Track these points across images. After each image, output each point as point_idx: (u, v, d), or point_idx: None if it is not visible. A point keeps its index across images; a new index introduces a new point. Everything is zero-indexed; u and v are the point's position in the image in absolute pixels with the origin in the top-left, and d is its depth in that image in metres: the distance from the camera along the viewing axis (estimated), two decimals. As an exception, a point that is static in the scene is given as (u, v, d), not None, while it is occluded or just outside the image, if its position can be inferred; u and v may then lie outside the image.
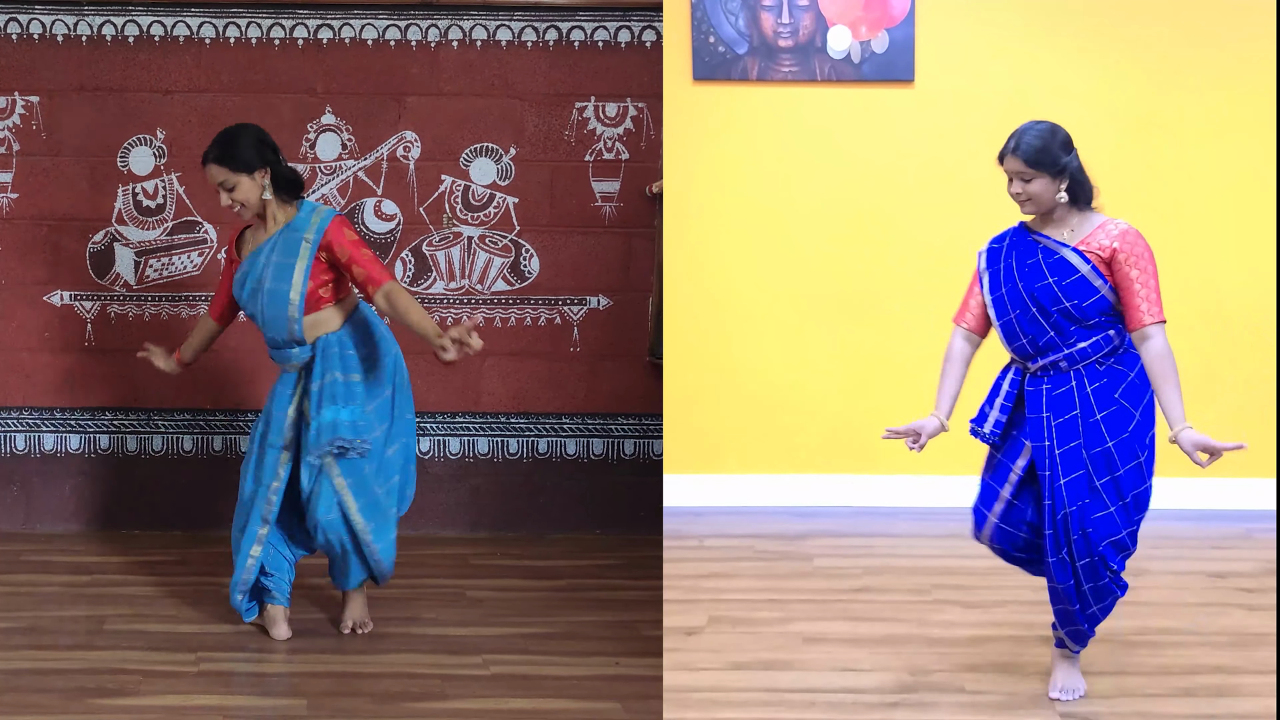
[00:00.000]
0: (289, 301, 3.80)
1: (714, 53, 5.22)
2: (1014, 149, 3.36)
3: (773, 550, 4.79)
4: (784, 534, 4.95)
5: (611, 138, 4.98)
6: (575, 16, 4.92)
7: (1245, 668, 3.67)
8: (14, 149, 4.86)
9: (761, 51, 5.21)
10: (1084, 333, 3.39)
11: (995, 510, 3.47)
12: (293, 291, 3.79)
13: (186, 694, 3.52)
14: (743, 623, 4.06)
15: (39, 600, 4.20)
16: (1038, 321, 3.40)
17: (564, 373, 5.04)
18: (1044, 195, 3.38)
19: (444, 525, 5.04)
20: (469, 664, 3.76)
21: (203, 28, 4.82)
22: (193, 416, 4.96)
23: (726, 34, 5.19)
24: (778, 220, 5.33)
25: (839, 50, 5.18)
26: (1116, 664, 3.70)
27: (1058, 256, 3.39)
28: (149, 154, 4.89)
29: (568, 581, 4.50)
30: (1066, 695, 3.50)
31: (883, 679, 3.62)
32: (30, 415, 4.95)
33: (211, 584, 4.35)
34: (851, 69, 5.20)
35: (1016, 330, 3.42)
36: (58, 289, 4.92)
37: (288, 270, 3.79)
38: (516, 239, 4.99)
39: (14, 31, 4.82)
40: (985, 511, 3.50)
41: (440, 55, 4.91)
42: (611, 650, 3.85)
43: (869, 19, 5.16)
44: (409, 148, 4.94)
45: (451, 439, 5.03)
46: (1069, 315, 3.37)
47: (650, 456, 5.08)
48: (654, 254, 5.04)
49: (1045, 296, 3.38)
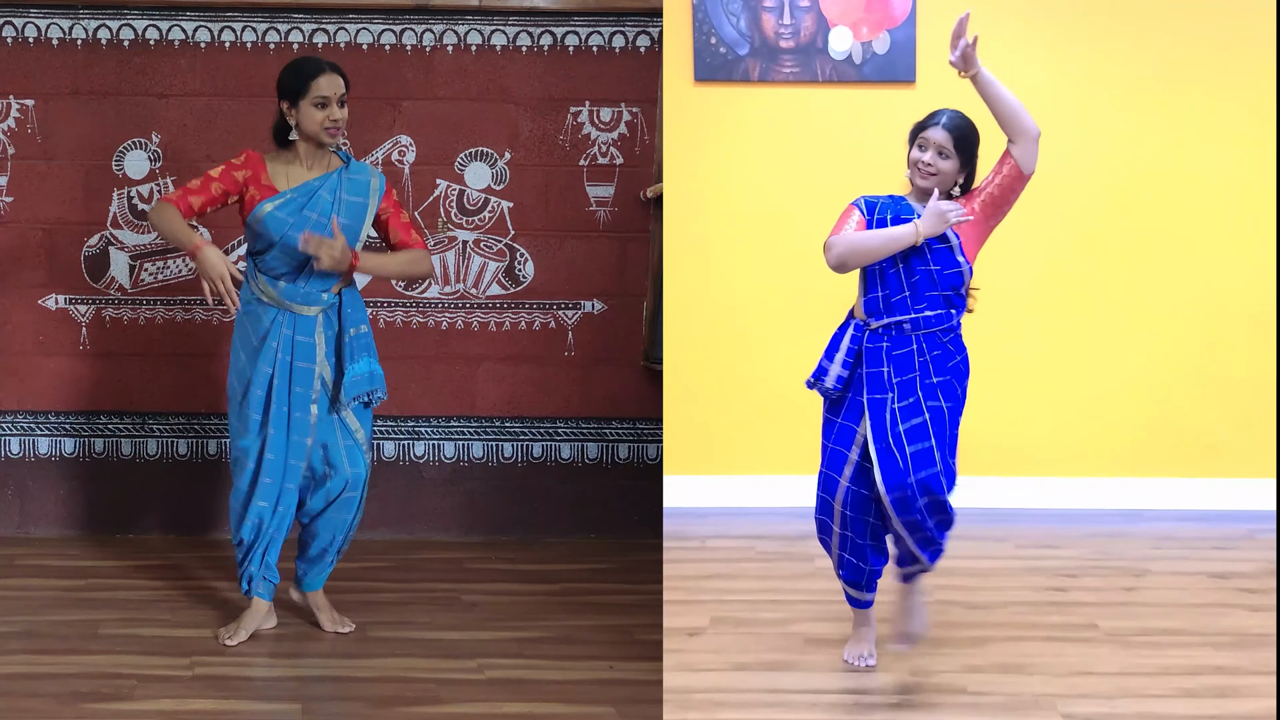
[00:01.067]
0: (358, 239, 3.84)
1: (715, 54, 5.22)
2: (946, 123, 3.50)
3: (775, 551, 4.79)
4: (786, 535, 4.95)
5: (606, 142, 4.99)
6: (570, 21, 4.93)
7: (1248, 668, 3.68)
8: (9, 152, 4.85)
9: (763, 53, 5.22)
10: (935, 301, 3.52)
11: (845, 474, 3.58)
12: (363, 231, 3.85)
13: (181, 699, 3.51)
14: (745, 623, 4.06)
15: (33, 604, 4.19)
16: (899, 279, 3.52)
17: (559, 377, 5.04)
18: (949, 177, 3.52)
19: (438, 529, 5.04)
20: (464, 668, 3.75)
21: (198, 32, 4.82)
22: (187, 420, 4.96)
23: (728, 35, 5.20)
24: (779, 221, 5.33)
25: (840, 51, 5.18)
26: (1119, 665, 3.70)
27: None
28: (144, 158, 4.88)
29: (562, 586, 4.50)
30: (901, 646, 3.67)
31: (886, 680, 3.63)
32: (25, 419, 4.94)
33: (207, 588, 4.35)
34: (853, 70, 5.21)
35: (878, 280, 3.54)
36: (53, 292, 4.91)
37: (361, 210, 3.85)
38: (511, 243, 5.00)
39: (9, 35, 4.82)
40: (836, 476, 3.60)
41: (435, 60, 4.91)
42: (606, 654, 3.85)
43: (870, 20, 5.17)
44: (404, 152, 4.94)
45: (446, 443, 5.03)
46: (931, 280, 3.50)
47: (645, 460, 5.08)
48: (648, 259, 5.05)
49: (915, 257, 3.50)
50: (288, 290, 3.81)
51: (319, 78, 3.74)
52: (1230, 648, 3.83)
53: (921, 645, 3.84)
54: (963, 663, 3.73)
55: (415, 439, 5.02)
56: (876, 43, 5.19)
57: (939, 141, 3.48)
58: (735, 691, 3.57)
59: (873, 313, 3.58)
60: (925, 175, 3.51)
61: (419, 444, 5.02)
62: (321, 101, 3.74)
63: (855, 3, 5.17)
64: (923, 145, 3.51)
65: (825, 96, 5.25)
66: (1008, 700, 3.49)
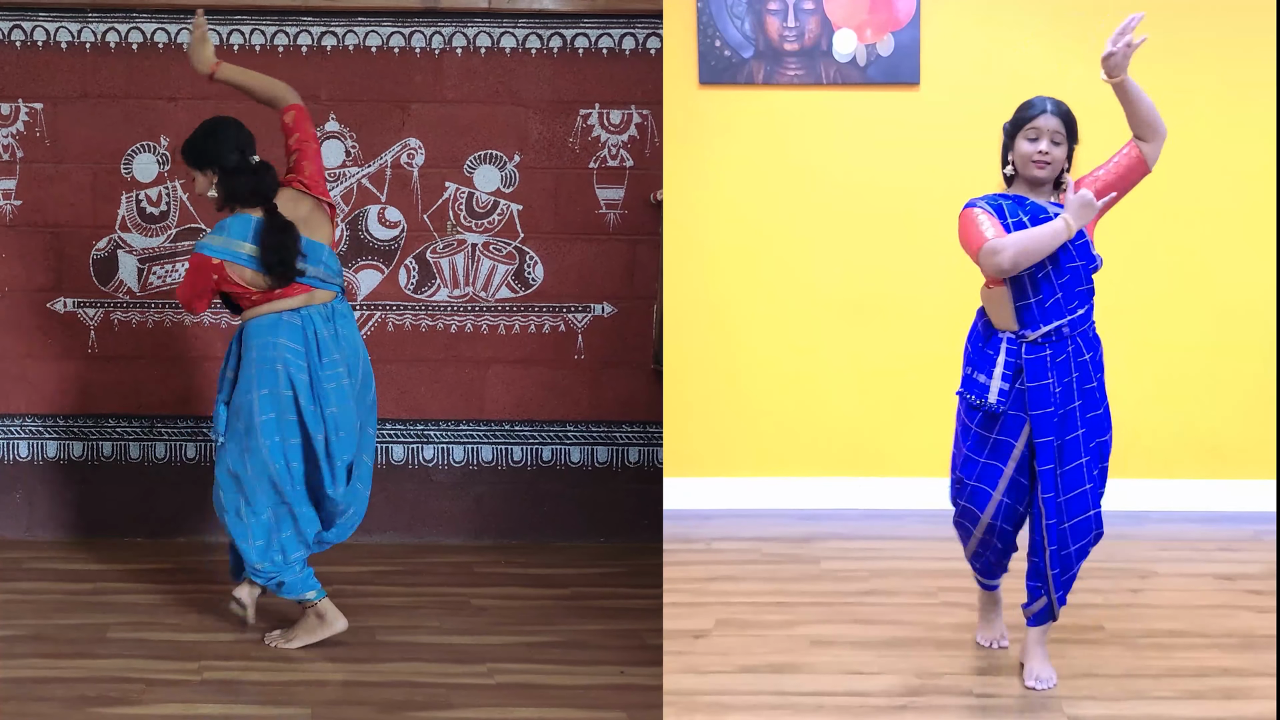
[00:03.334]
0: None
1: (720, 56, 5.21)
2: (1053, 109, 3.41)
3: (780, 553, 4.79)
4: (791, 537, 4.94)
5: (616, 145, 4.97)
6: (580, 23, 4.92)
7: (1254, 670, 3.66)
8: (18, 156, 4.85)
9: (767, 55, 5.21)
10: (1084, 297, 3.45)
11: (1000, 488, 3.51)
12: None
13: (190, 703, 3.51)
14: (750, 625, 4.05)
15: (42, 608, 4.19)
16: (1049, 281, 3.42)
17: (568, 380, 5.03)
18: (1059, 164, 3.44)
19: (448, 533, 5.03)
20: (474, 673, 3.74)
21: (207, 35, 4.81)
22: (196, 423, 4.95)
23: (732, 38, 5.19)
24: (783, 222, 5.33)
25: (844, 54, 5.17)
26: (1125, 667, 3.69)
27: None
28: (153, 161, 4.88)
29: (572, 590, 4.49)
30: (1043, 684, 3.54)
31: (890, 682, 3.62)
32: (33, 422, 4.94)
33: (215, 592, 4.34)
34: (857, 72, 5.20)
35: (1029, 287, 3.42)
36: (61, 296, 4.91)
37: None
38: (520, 246, 4.99)
39: (18, 39, 4.82)
40: (988, 490, 3.52)
41: (444, 62, 4.91)
42: (616, 659, 3.84)
43: (874, 22, 5.16)
44: (413, 155, 4.93)
45: (455, 447, 5.02)
46: (1079, 276, 3.42)
47: (654, 464, 5.07)
48: (658, 262, 5.04)
49: (1063, 255, 3.40)
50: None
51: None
52: (1237, 649, 3.82)
53: (925, 646, 3.83)
54: (968, 664, 3.72)
55: (424, 442, 5.01)
56: (881, 45, 5.18)
57: (1052, 128, 3.41)
58: (740, 694, 3.57)
59: (1028, 323, 3.45)
60: (1042, 165, 3.41)
61: (428, 447, 5.01)
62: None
63: (859, 5, 5.16)
64: (1034, 136, 3.41)
65: (829, 99, 5.24)
66: (1014, 702, 3.48)
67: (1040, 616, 3.58)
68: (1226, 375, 5.27)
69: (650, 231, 5.01)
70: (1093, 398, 3.48)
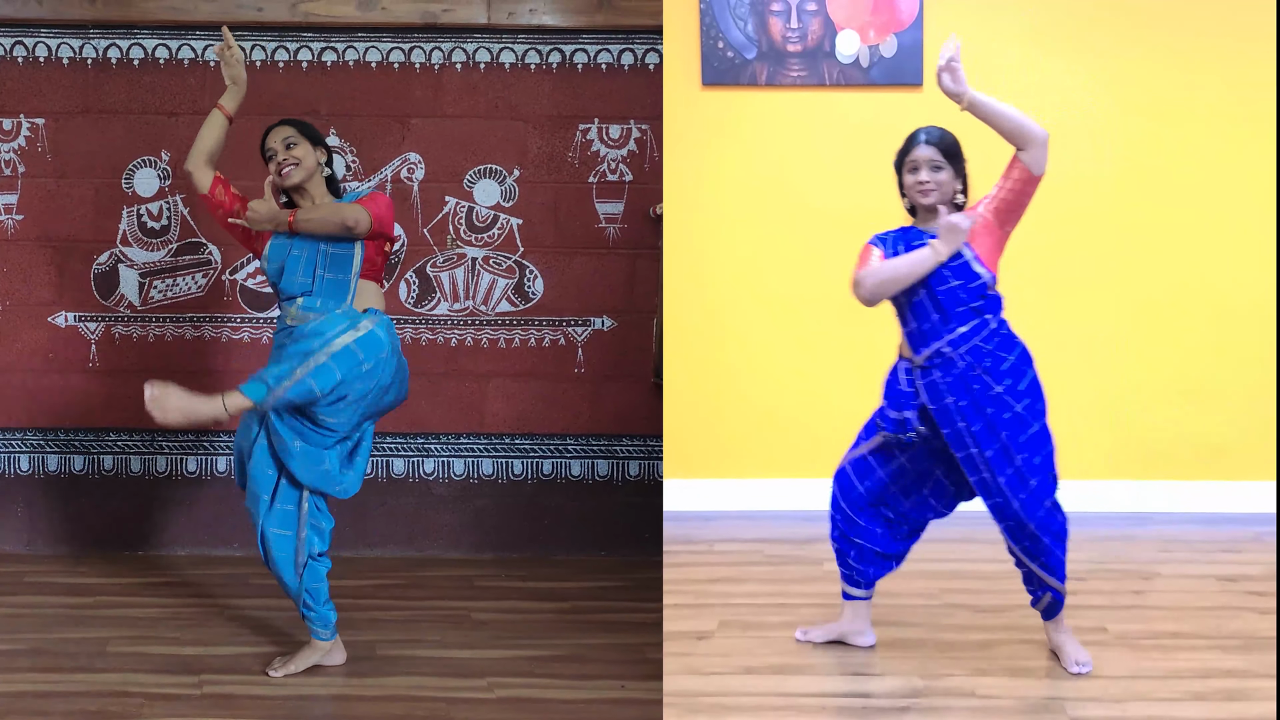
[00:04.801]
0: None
1: (723, 58, 5.22)
2: (927, 140, 3.53)
3: (782, 555, 4.78)
4: (793, 538, 4.94)
5: (615, 159, 4.99)
6: (579, 39, 4.93)
7: (1257, 672, 3.66)
8: (19, 171, 4.86)
9: (770, 57, 5.22)
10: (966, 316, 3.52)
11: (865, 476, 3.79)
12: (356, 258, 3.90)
13: (189, 717, 3.50)
14: (752, 627, 4.05)
15: (42, 622, 4.19)
16: (925, 306, 3.53)
17: (568, 394, 5.04)
18: (948, 188, 3.54)
19: (448, 547, 5.03)
20: (474, 687, 3.74)
21: (207, 50, 4.83)
22: (196, 438, 4.96)
23: (735, 39, 5.20)
24: (786, 223, 5.33)
25: (847, 55, 5.18)
26: (1127, 668, 3.68)
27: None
28: (154, 176, 4.89)
29: (573, 604, 4.49)
30: (1085, 667, 3.62)
31: (893, 683, 3.61)
32: (34, 436, 4.94)
33: (216, 606, 4.34)
34: (860, 73, 5.21)
35: (909, 313, 3.56)
36: (62, 310, 4.92)
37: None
38: (520, 260, 5.00)
39: (20, 55, 4.83)
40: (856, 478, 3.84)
41: (444, 77, 4.92)
42: (617, 673, 3.84)
43: (877, 23, 5.17)
44: (413, 169, 4.94)
45: (456, 460, 5.03)
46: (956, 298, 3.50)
47: (655, 477, 5.07)
48: (658, 275, 5.04)
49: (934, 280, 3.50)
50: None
51: (272, 130, 3.83)
52: (1239, 651, 3.82)
53: (928, 648, 3.83)
54: (971, 666, 3.72)
55: (425, 456, 5.01)
56: (884, 46, 5.19)
57: (928, 157, 3.52)
58: (743, 695, 3.57)
59: (915, 347, 3.58)
60: (925, 193, 3.53)
61: (428, 461, 5.02)
62: (269, 154, 3.81)
63: (862, 6, 5.17)
64: (913, 168, 3.54)
65: (832, 100, 5.25)
66: (1016, 704, 3.48)
67: (1051, 610, 3.68)
68: (1227, 377, 5.27)
69: (650, 245, 5.02)
70: (1003, 402, 3.51)
